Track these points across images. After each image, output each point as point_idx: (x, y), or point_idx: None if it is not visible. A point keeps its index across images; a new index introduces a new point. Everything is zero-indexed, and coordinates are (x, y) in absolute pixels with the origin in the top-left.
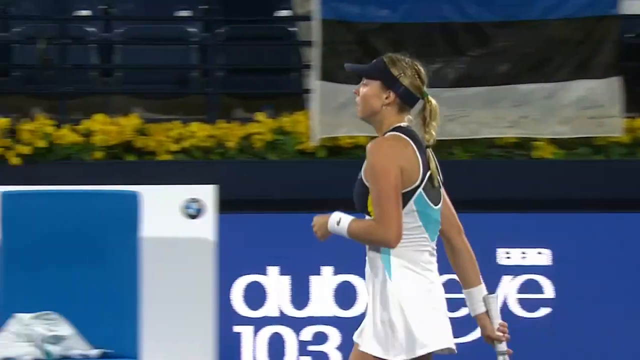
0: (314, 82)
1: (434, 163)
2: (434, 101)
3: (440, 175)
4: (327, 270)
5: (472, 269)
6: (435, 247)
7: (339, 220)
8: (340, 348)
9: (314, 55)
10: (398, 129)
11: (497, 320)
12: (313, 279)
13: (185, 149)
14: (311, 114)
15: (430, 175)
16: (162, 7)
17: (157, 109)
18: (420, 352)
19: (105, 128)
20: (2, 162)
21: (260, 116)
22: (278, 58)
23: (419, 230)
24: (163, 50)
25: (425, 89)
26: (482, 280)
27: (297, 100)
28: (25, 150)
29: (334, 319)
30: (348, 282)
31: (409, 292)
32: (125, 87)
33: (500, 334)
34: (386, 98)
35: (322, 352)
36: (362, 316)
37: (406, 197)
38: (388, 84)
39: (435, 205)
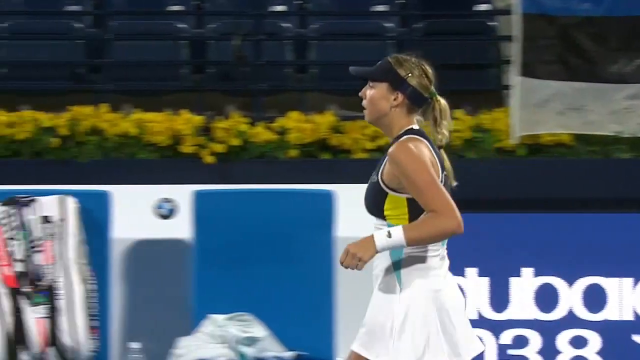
0: (514, 78)
1: (448, 164)
2: (442, 100)
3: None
4: (527, 272)
5: None
6: (446, 249)
7: (389, 233)
8: (541, 352)
9: (514, 50)
10: (410, 131)
11: None
12: (512, 280)
13: (381, 147)
14: (511, 111)
15: (446, 176)
16: (358, 2)
17: (353, 106)
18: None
19: (300, 126)
20: (196, 161)
21: (458, 113)
22: (477, 53)
23: None
24: (358, 46)
25: (433, 88)
26: None
27: (496, 96)
28: (220, 148)
29: (534, 321)
30: (549, 284)
31: (417, 299)
32: (320, 84)
33: None
34: (394, 100)
35: (522, 356)
36: (563, 319)
37: None
38: (395, 85)
39: None
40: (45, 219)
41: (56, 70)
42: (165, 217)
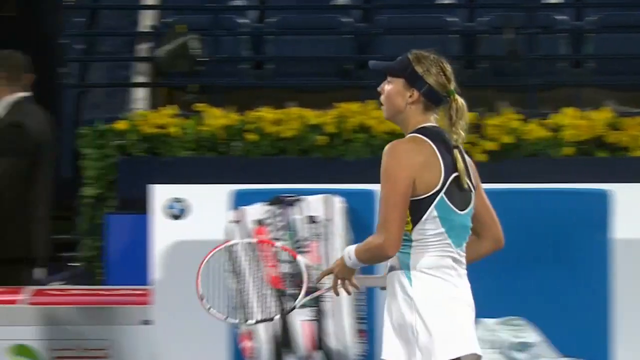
0: None
1: (462, 164)
2: (460, 99)
3: (472, 177)
4: None
5: None
6: (463, 252)
7: (348, 255)
8: None
9: None
10: (421, 130)
11: None
12: None
13: None
14: None
15: (458, 177)
16: None
17: (631, 101)
18: (444, 358)
19: (576, 122)
20: None
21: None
22: None
23: (441, 237)
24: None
25: (452, 87)
26: None
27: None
28: (491, 146)
29: None
30: None
31: (429, 298)
32: (597, 79)
33: None
34: (410, 96)
35: None
36: None
37: (425, 203)
38: (412, 82)
39: (462, 209)
40: (311, 219)
41: (323, 66)
42: (175, 217)
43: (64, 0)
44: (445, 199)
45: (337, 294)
